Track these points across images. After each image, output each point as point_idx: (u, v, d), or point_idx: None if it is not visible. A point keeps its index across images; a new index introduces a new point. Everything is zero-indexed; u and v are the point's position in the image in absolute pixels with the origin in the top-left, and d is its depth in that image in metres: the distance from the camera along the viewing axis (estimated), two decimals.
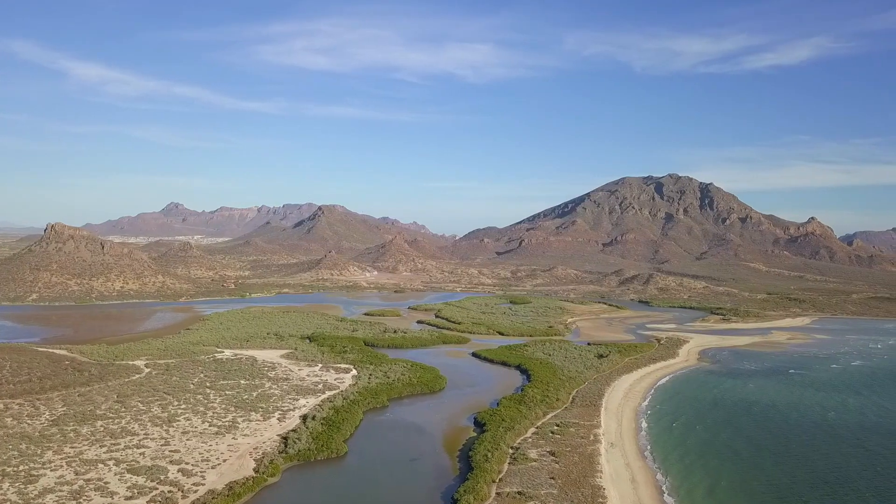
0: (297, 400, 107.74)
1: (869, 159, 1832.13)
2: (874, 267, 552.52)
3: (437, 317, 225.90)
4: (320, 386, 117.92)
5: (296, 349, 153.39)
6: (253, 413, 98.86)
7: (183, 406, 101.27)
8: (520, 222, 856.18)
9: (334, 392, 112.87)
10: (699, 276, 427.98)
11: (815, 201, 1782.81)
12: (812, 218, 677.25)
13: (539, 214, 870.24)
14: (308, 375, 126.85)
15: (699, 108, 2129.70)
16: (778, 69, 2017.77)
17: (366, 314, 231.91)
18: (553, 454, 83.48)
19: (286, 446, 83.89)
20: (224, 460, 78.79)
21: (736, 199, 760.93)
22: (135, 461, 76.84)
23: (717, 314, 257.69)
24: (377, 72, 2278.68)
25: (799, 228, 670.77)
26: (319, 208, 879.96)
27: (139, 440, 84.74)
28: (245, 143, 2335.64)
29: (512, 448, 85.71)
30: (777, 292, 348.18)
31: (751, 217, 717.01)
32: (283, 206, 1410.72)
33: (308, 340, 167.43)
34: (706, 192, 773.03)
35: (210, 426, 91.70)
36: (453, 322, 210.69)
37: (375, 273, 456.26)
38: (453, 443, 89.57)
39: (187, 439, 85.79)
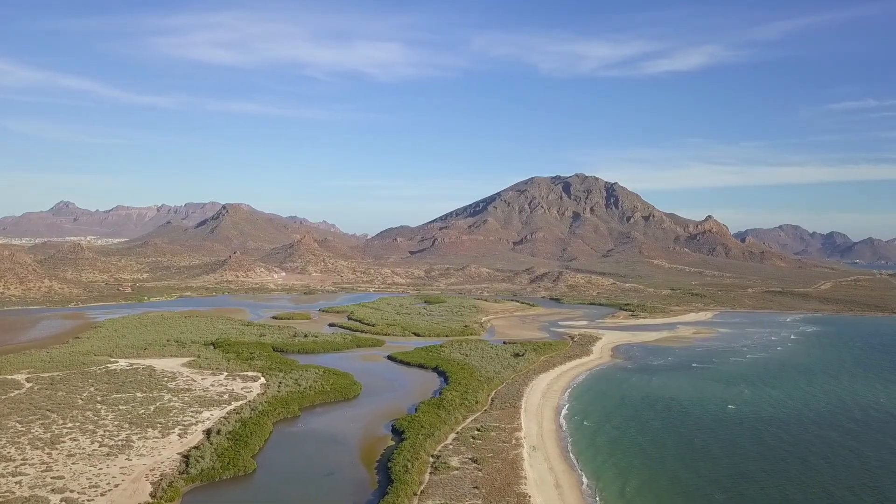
0: (201, 413, 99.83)
1: (757, 161, 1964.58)
2: (765, 262, 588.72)
3: (349, 319, 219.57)
4: (226, 396, 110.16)
5: (198, 357, 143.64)
6: (150, 429, 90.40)
7: (69, 425, 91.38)
8: (432, 221, 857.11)
9: (241, 402, 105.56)
10: (606, 272, 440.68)
11: (710, 200, 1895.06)
12: (709, 216, 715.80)
13: (451, 213, 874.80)
14: (212, 385, 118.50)
15: (602, 110, 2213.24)
16: (673, 74, 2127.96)
17: (274, 318, 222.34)
18: (475, 461, 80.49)
19: (188, 466, 76.63)
20: (116, 485, 70.86)
21: (639, 198, 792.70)
22: (9, 492, 67.71)
23: (626, 310, 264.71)
24: (283, 68, 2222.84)
25: (697, 226, 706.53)
26: (224, 207, 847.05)
27: (16, 466, 75.13)
28: (142, 139, 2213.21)
29: (432, 456, 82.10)
30: (680, 288, 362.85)
31: (653, 215, 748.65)
32: (185, 204, 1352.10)
33: (212, 347, 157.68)
34: (611, 191, 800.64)
35: (100, 446, 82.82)
36: (367, 324, 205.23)
37: (284, 274, 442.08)
38: (371, 453, 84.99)
39: (73, 463, 76.89)
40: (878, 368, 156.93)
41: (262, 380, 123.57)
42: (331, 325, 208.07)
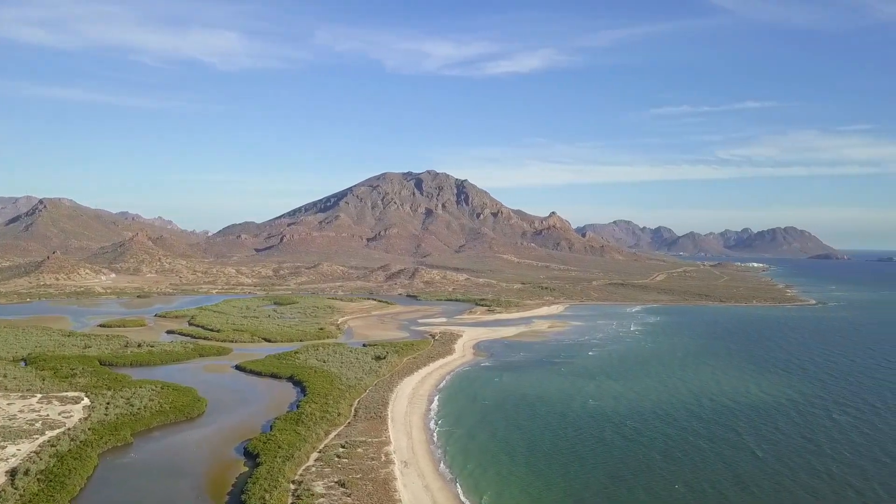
0: (4, 448, 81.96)
1: (593, 160, 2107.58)
2: (605, 256, 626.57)
3: (191, 324, 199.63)
4: (38, 425, 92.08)
5: (5, 376, 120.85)
6: None
7: None
8: (280, 217, 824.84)
9: (58, 432, 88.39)
10: (460, 268, 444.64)
11: (553, 197, 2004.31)
12: (553, 213, 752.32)
13: (301, 209, 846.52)
14: (21, 411, 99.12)
15: (449, 109, 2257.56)
16: (514, 76, 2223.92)
17: (102, 325, 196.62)
18: (343, 485, 71.55)
19: None
20: None
21: (488, 195, 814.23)
22: None
23: (483, 305, 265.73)
24: (110, 52, 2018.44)
25: (542, 222, 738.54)
26: (41, 202, 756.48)
27: None
28: None
29: (293, 482, 72.04)
30: (530, 281, 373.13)
31: (502, 212, 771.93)
32: None
33: (23, 363, 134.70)
34: (462, 188, 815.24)
35: None
36: (211, 330, 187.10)
37: (114, 276, 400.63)
38: (220, 483, 73.27)
39: None
40: (719, 357, 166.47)
41: (86, 401, 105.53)
42: (169, 332, 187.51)
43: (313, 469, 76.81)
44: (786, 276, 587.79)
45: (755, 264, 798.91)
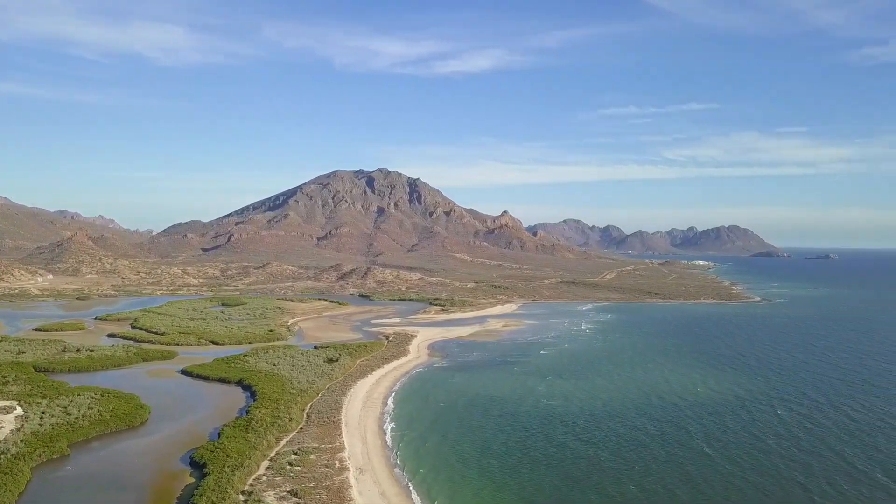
0: None
1: (543, 160, 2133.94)
2: (556, 254, 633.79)
3: (133, 328, 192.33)
4: None
5: None
6: None
7: None
8: (228, 216, 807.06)
9: None
10: (414, 267, 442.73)
11: (505, 196, 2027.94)
12: (505, 212, 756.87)
13: (249, 207, 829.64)
14: None
15: (400, 107, 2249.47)
16: (464, 75, 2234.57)
17: (38, 329, 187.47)
18: (295, 494, 69.25)
19: None
20: None
21: (441, 193, 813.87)
22: None
23: (436, 304, 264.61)
24: (46, 44, 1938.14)
25: (494, 221, 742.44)
26: None
27: None
28: None
29: (243, 493, 69.35)
30: (483, 280, 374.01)
31: (454, 211, 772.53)
32: None
33: None
34: (414, 186, 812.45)
35: None
36: (155, 333, 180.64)
37: (51, 277, 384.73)
38: (165, 496, 70.08)
39: None
40: (668, 354, 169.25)
41: (19, 410, 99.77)
42: (110, 335, 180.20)
43: (264, 478, 74.19)
44: (731, 274, 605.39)
45: (701, 262, 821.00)
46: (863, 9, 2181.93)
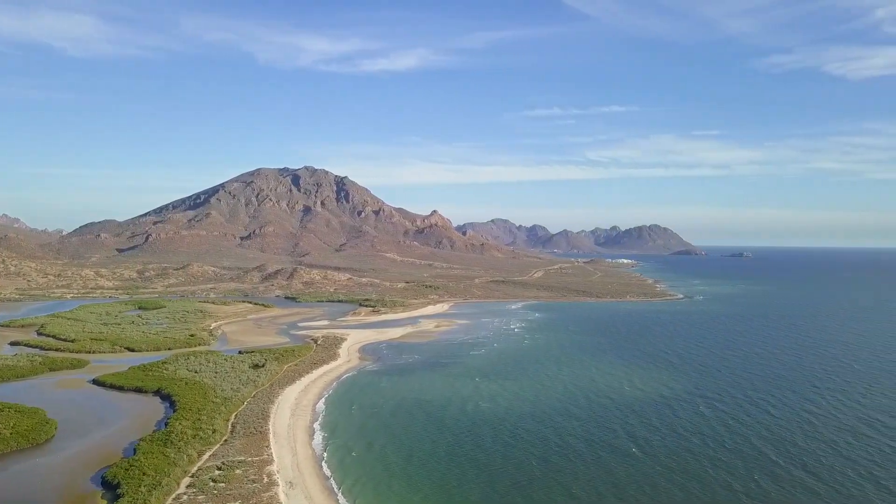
0: None
1: (471, 160, 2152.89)
2: (485, 254, 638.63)
3: (39, 334, 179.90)
4: None
5: None
6: None
7: None
8: (145, 215, 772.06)
9: None
10: (342, 267, 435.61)
11: (434, 196, 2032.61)
12: (434, 211, 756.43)
13: (168, 206, 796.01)
14: None
15: (326, 104, 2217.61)
16: (391, 74, 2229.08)
17: None
18: None
19: None
20: None
21: (369, 192, 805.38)
22: None
23: (367, 306, 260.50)
24: None
25: (424, 220, 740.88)
26: None
27: None
28: None
29: None
30: (414, 280, 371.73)
31: (383, 210, 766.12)
32: None
33: None
34: (342, 185, 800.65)
35: None
36: (65, 340, 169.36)
37: None
38: None
39: None
40: (594, 353, 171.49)
41: None
42: (13, 343, 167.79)
43: (185, 498, 69.63)
44: (653, 272, 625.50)
45: (624, 260, 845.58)
46: (771, 19, 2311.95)
